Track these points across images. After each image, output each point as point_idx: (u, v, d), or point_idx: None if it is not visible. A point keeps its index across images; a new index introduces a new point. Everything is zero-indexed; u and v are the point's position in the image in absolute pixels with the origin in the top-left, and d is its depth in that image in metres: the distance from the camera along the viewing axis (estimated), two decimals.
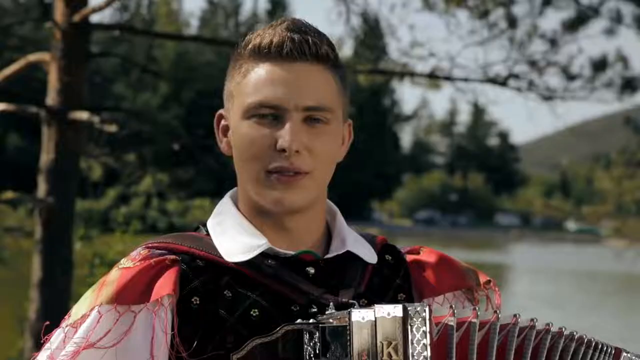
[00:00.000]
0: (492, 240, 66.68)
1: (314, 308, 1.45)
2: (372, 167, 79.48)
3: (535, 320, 1.43)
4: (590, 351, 1.50)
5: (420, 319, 1.32)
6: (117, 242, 9.32)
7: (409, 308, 1.33)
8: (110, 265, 8.88)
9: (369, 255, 1.58)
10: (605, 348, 1.52)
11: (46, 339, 1.46)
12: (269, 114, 1.47)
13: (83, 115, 7.25)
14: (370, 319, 1.33)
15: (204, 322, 1.43)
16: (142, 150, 10.23)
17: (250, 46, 1.51)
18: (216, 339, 1.42)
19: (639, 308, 24.66)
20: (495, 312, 1.41)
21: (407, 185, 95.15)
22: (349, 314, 1.33)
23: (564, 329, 1.49)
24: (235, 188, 1.59)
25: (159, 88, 54.96)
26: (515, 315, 1.43)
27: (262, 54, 1.49)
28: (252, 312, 1.44)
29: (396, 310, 1.33)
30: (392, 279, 1.60)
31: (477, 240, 63.55)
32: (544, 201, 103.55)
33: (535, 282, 33.38)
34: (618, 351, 1.53)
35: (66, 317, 1.47)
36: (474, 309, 1.41)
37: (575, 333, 1.50)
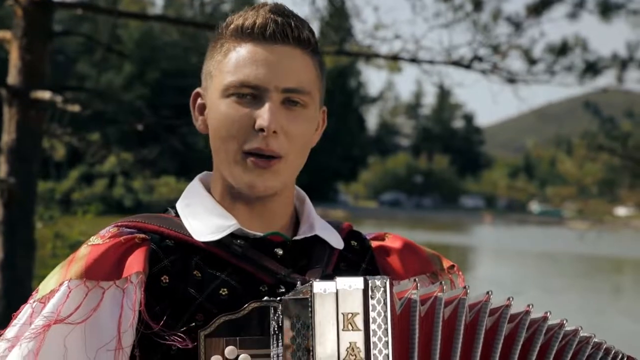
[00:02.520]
0: (457, 222, 67.11)
1: (282, 288, 1.47)
2: (337, 149, 79.53)
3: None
4: (601, 353, 1.49)
5: (381, 292, 1.34)
6: (79, 223, 9.27)
7: (369, 280, 1.35)
8: (72, 246, 8.85)
9: (336, 241, 1.60)
10: (620, 356, 1.51)
11: (13, 315, 1.46)
12: (249, 94, 1.48)
13: (45, 94, 7.17)
14: (332, 291, 1.34)
15: (173, 300, 1.44)
16: (106, 130, 10.14)
17: (232, 26, 1.52)
18: (186, 317, 1.43)
19: (603, 290, 24.93)
20: (465, 287, 1.42)
21: (373, 167, 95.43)
22: (311, 286, 1.34)
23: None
24: (205, 172, 1.61)
25: (123, 68, 54.42)
26: (487, 293, 1.43)
27: (245, 34, 1.50)
28: (221, 292, 1.46)
29: (357, 282, 1.35)
30: (359, 264, 1.63)
31: (442, 222, 63.92)
32: (508, 183, 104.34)
33: (499, 264, 33.68)
34: None
35: (33, 293, 1.47)
36: (440, 283, 1.42)
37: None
